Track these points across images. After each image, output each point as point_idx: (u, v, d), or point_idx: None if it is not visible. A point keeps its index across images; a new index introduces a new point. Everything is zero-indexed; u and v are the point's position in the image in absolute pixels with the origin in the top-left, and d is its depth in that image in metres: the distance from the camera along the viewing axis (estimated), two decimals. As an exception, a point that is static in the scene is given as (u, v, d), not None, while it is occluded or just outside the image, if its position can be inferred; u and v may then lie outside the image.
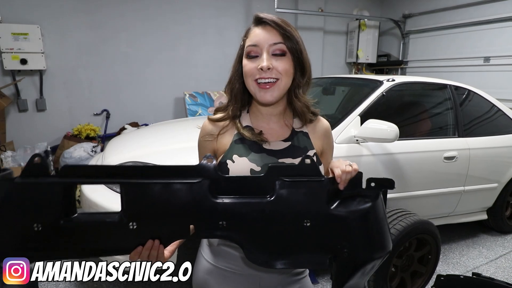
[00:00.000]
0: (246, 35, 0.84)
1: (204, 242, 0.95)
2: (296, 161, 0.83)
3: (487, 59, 4.19)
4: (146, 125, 3.87)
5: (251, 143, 0.85)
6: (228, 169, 0.82)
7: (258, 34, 0.80)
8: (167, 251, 0.68)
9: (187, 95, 4.25)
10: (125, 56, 4.10)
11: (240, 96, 0.87)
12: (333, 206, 0.67)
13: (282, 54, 0.80)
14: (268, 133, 0.88)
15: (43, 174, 0.58)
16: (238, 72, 0.86)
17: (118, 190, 1.78)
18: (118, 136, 2.88)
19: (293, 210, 0.65)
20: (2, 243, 0.60)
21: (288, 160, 0.85)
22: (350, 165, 0.72)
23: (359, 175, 0.71)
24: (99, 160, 2.31)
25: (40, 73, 3.66)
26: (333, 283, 0.71)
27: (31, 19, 3.53)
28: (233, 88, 0.87)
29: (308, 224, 0.65)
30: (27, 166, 0.58)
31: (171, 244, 0.67)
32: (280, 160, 0.85)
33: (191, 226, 0.64)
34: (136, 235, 0.62)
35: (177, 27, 4.29)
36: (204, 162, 0.63)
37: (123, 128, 3.96)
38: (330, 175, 0.72)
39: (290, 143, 0.88)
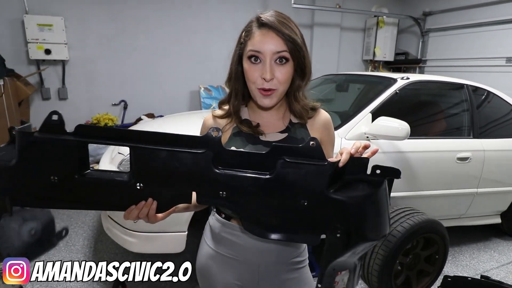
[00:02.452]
0: (247, 35, 0.82)
1: (208, 228, 0.98)
2: None
3: (509, 59, 4.05)
4: (162, 116, 3.96)
5: (248, 136, 0.88)
6: None
7: (261, 41, 0.79)
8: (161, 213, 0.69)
9: (202, 89, 4.32)
10: (142, 48, 4.19)
11: (241, 93, 0.89)
12: (333, 190, 0.67)
13: (286, 61, 0.80)
14: (265, 126, 0.90)
15: (59, 131, 0.62)
16: (238, 71, 0.86)
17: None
18: (135, 126, 2.97)
19: (291, 189, 0.66)
20: (21, 191, 0.65)
21: None
22: (364, 147, 0.70)
23: (365, 160, 0.69)
24: (115, 148, 2.39)
25: (63, 63, 3.80)
26: (321, 259, 0.71)
27: (56, 10, 3.67)
28: (233, 85, 0.89)
29: (305, 204, 0.66)
30: (44, 123, 0.62)
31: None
32: None
33: (194, 193, 0.68)
34: (142, 194, 0.67)
35: (194, 20, 4.35)
36: (211, 133, 0.66)
37: (140, 119, 4.06)
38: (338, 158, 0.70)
39: (287, 134, 0.89)
